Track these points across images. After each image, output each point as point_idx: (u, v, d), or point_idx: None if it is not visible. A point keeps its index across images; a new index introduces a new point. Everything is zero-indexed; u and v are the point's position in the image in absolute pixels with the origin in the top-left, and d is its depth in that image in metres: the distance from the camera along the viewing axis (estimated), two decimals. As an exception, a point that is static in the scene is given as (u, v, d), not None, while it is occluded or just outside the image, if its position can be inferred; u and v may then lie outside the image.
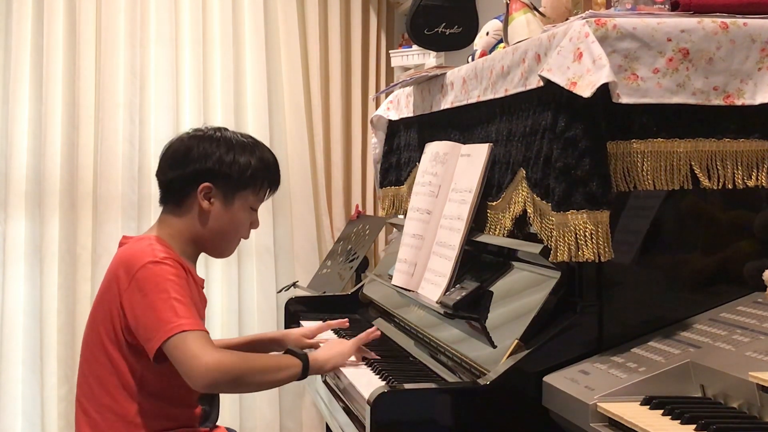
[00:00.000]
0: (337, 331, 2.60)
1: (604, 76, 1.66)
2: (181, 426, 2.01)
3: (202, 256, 2.13)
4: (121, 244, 2.08)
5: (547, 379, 1.73)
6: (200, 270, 3.92)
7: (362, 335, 2.20)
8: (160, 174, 2.08)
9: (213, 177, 2.02)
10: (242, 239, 2.13)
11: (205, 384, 1.85)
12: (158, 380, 1.92)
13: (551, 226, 1.77)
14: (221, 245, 2.10)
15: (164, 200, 2.08)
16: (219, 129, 2.09)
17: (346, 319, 2.53)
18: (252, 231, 2.13)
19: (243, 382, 1.92)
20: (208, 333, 1.90)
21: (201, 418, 2.08)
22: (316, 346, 2.31)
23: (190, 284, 1.98)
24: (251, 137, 2.12)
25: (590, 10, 1.86)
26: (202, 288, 2.11)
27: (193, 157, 2.02)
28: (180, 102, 4.13)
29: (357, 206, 4.31)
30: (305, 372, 1.99)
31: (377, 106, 3.63)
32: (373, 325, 2.38)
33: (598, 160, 1.70)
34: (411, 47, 4.02)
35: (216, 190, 2.02)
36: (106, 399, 1.96)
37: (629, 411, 1.48)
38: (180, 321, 1.85)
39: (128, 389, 1.95)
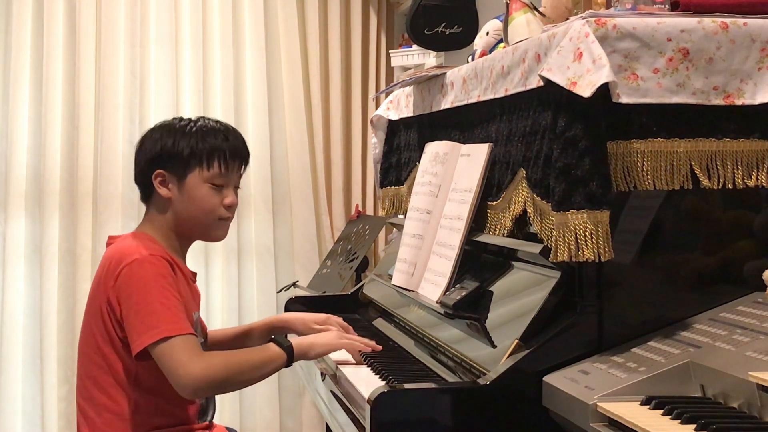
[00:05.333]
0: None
1: (604, 76, 1.66)
2: (178, 422, 2.01)
3: (203, 257, 2.14)
4: (107, 244, 2.08)
5: (547, 379, 1.73)
6: (200, 270, 3.97)
7: (360, 341, 2.18)
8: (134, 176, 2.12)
9: (161, 163, 2.02)
10: (226, 219, 2.07)
11: (192, 393, 1.91)
12: (153, 377, 1.92)
13: (551, 226, 1.77)
14: (200, 229, 2.08)
15: (141, 199, 2.12)
16: (173, 118, 2.11)
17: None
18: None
19: (229, 386, 1.99)
20: (193, 335, 1.90)
21: (198, 413, 2.08)
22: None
23: (178, 279, 1.98)
24: (198, 116, 2.11)
25: (590, 10, 1.86)
26: (194, 281, 2.11)
27: (144, 149, 2.06)
28: (180, 102, 4.13)
29: (357, 206, 4.31)
30: (290, 362, 2.01)
31: (377, 106, 3.63)
32: (379, 335, 2.36)
33: (598, 160, 1.70)
34: (411, 47, 4.01)
35: (168, 174, 2.02)
36: (103, 398, 1.97)
37: (629, 411, 1.48)
38: (161, 327, 1.86)
39: (124, 387, 1.96)
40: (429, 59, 3.90)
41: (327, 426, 2.97)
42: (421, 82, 2.67)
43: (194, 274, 2.13)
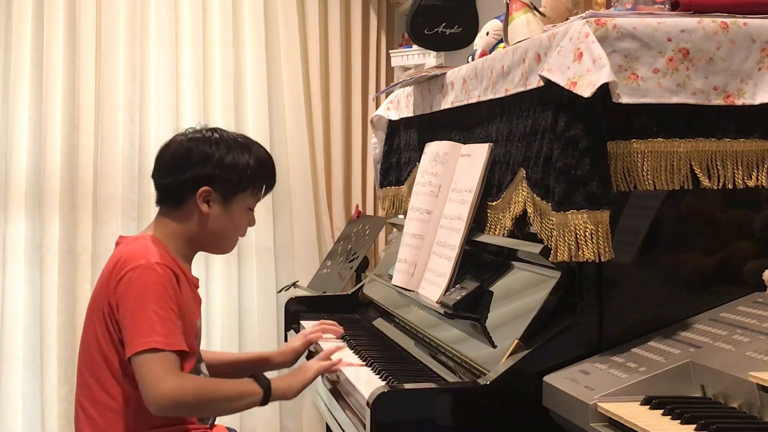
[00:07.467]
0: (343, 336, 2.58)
1: (604, 76, 1.66)
2: (179, 422, 2.01)
3: (203, 257, 2.14)
4: (117, 244, 2.08)
5: (547, 379, 1.73)
6: (200, 270, 3.97)
7: (325, 363, 2.13)
8: (157, 176, 2.08)
9: (212, 181, 2.02)
10: (240, 237, 2.14)
11: (158, 410, 1.88)
12: None
13: (551, 226, 1.77)
14: (220, 244, 2.12)
15: (161, 202, 2.08)
16: (215, 130, 2.08)
17: (341, 329, 2.47)
18: (252, 231, 2.13)
19: (198, 411, 1.98)
20: (177, 352, 1.89)
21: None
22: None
23: (182, 287, 1.98)
24: (245, 137, 2.12)
25: (590, 10, 1.86)
26: (197, 287, 2.11)
27: (192, 161, 2.02)
28: (180, 102, 4.13)
29: (357, 206, 4.31)
30: (266, 400, 1.99)
31: (377, 106, 3.63)
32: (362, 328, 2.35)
33: (598, 160, 1.70)
34: (411, 47, 4.02)
35: (215, 193, 2.03)
36: (104, 397, 1.97)
37: (629, 411, 1.48)
38: (154, 337, 1.86)
39: (124, 387, 1.96)
40: (429, 59, 3.90)
41: (327, 426, 2.96)
42: (421, 82, 2.67)
43: (197, 280, 2.13)
